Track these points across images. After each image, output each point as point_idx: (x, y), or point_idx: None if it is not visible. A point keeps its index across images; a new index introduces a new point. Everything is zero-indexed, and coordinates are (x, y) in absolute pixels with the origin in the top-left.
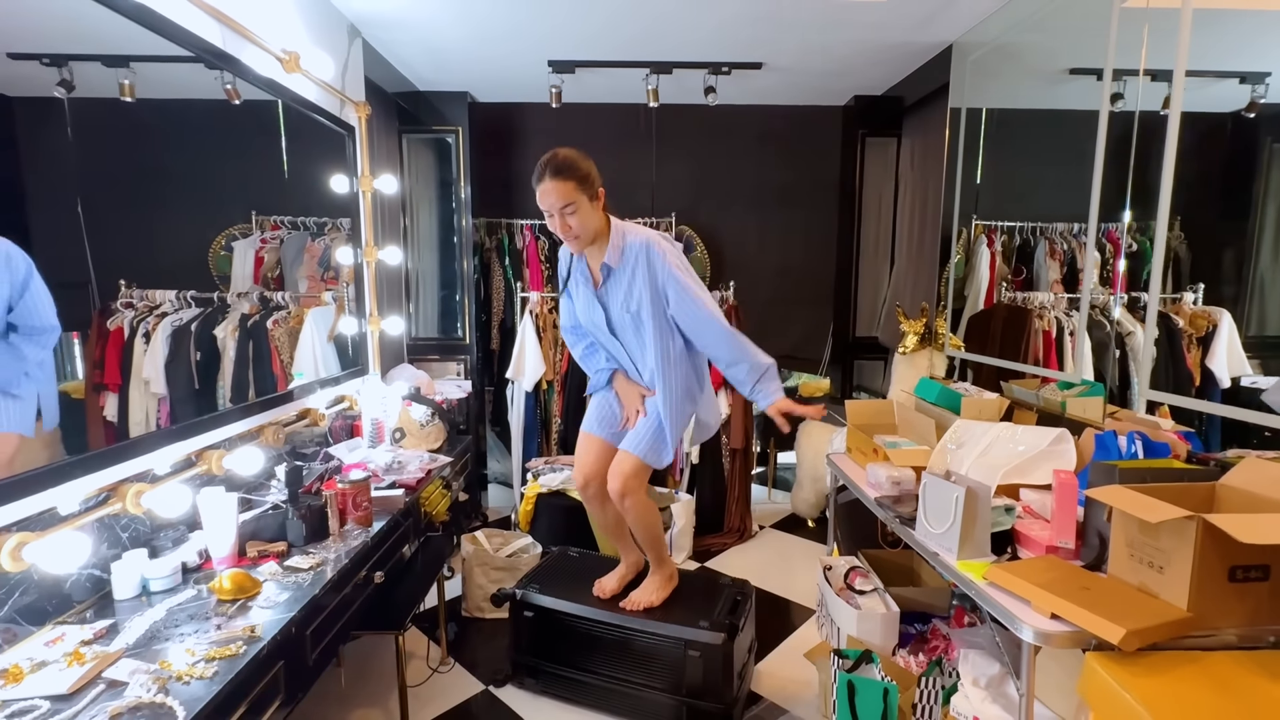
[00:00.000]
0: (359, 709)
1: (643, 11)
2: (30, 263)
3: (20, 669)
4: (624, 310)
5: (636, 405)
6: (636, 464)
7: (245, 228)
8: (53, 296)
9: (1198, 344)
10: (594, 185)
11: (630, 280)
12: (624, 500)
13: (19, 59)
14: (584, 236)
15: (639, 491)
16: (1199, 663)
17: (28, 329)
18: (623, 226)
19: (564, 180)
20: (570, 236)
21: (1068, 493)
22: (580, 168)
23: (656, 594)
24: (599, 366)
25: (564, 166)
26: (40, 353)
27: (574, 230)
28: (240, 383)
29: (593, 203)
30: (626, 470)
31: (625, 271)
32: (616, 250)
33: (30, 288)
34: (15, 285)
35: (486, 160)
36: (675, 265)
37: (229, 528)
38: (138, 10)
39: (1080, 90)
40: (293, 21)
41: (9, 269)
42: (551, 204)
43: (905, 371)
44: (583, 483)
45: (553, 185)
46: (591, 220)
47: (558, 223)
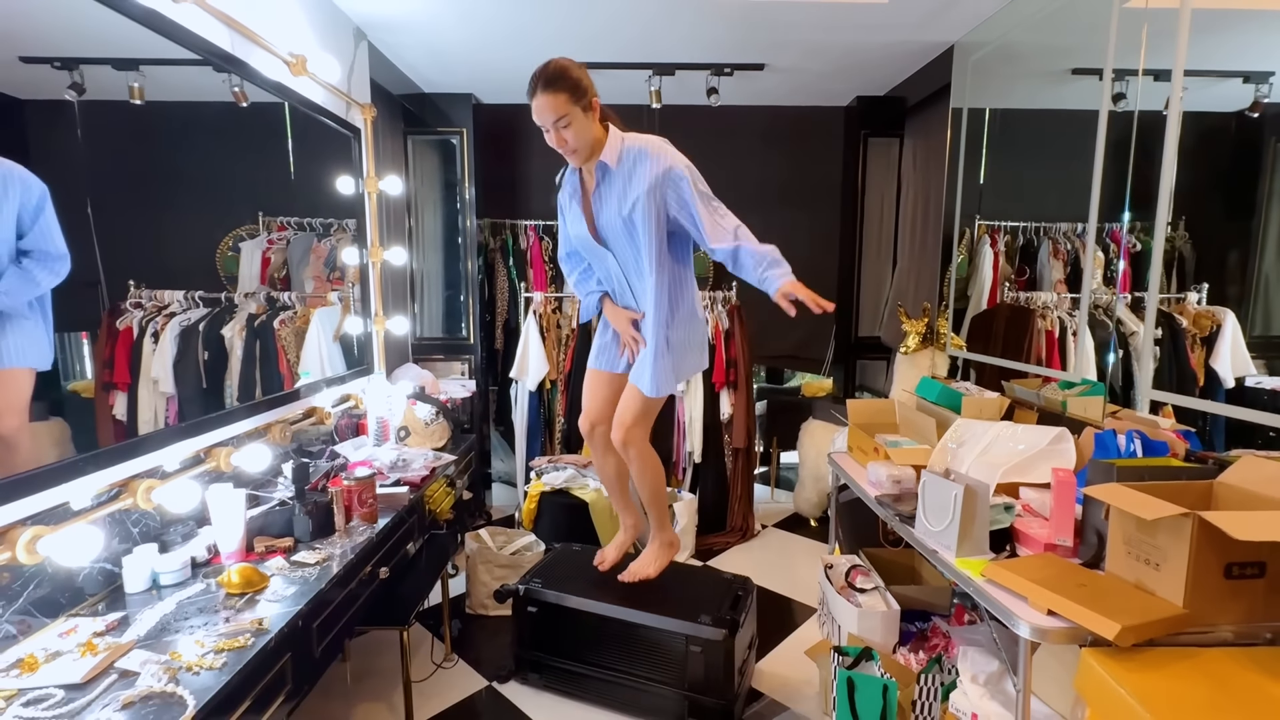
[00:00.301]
0: (364, 704)
1: (644, 13)
2: (45, 189)
3: (35, 659)
4: (618, 213)
5: (630, 332)
6: (637, 409)
7: (252, 228)
8: (64, 298)
9: (1202, 344)
10: (587, 95)
11: (627, 182)
12: (627, 450)
13: (31, 62)
14: (581, 150)
15: (641, 441)
16: (1195, 659)
17: (42, 254)
18: (623, 133)
19: (555, 93)
20: (567, 151)
21: (1066, 491)
22: (570, 77)
23: (654, 564)
24: (589, 289)
25: (554, 77)
26: (53, 279)
27: (570, 144)
28: (247, 381)
29: (587, 114)
30: (627, 419)
31: (622, 173)
32: (614, 150)
33: (45, 212)
34: (29, 209)
35: (491, 161)
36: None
37: (237, 523)
38: (148, 15)
39: (1083, 90)
40: (300, 25)
41: (24, 191)
42: (544, 119)
43: (907, 371)
44: (588, 427)
45: (544, 99)
46: (587, 132)
47: (553, 137)
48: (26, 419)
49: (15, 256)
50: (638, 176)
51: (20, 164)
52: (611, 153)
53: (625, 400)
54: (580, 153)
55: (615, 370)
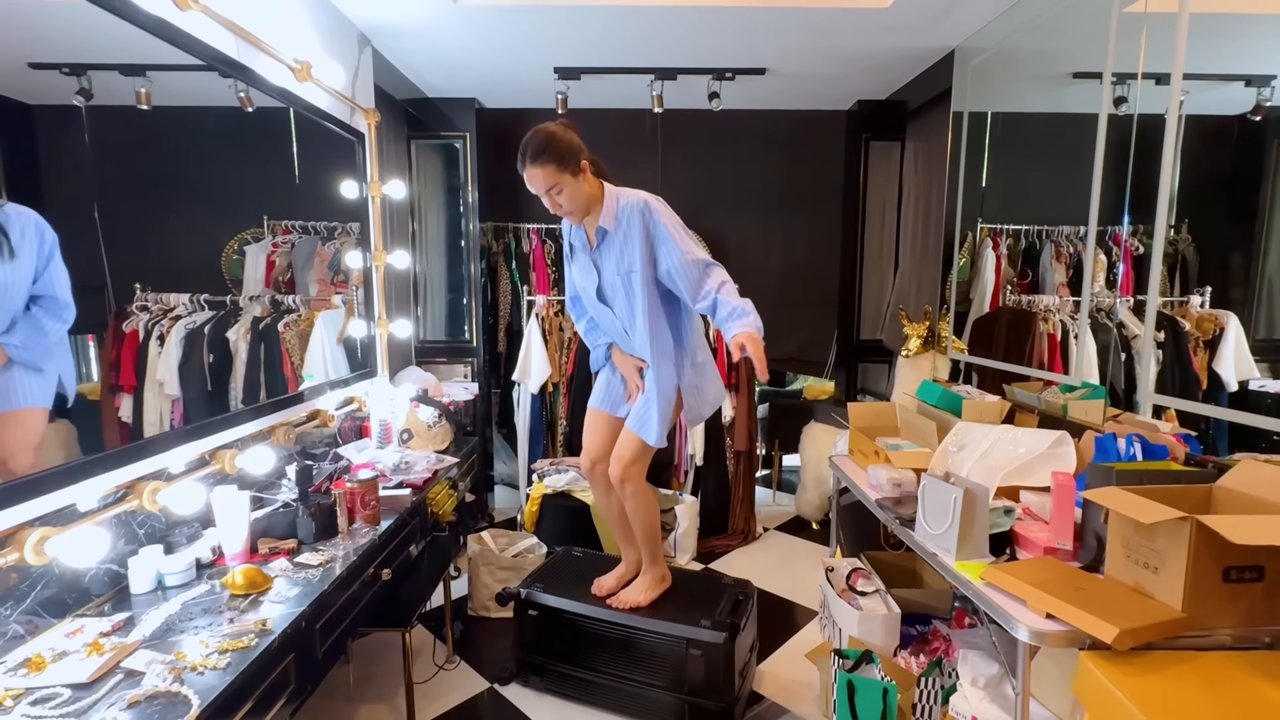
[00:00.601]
0: (366, 705)
1: (646, 18)
2: (55, 238)
3: (43, 659)
4: (615, 272)
5: (635, 379)
6: (635, 449)
7: (257, 232)
8: (71, 300)
9: (1205, 347)
10: (575, 161)
11: (624, 241)
12: (624, 486)
13: (40, 68)
14: (576, 211)
15: (638, 479)
16: (1193, 662)
17: (50, 302)
18: (617, 191)
19: (543, 165)
20: (564, 213)
21: (1065, 494)
22: (556, 147)
23: (645, 594)
24: (598, 341)
25: (540, 149)
26: (60, 328)
27: (565, 208)
28: (252, 384)
29: (577, 177)
30: (625, 457)
31: (619, 233)
32: (610, 214)
33: (55, 260)
34: (43, 256)
35: (493, 165)
36: (667, 221)
37: (241, 525)
38: (155, 23)
39: (1085, 94)
40: (305, 32)
41: (40, 239)
42: (536, 188)
43: (908, 374)
44: (589, 465)
45: (533, 171)
46: (580, 194)
47: (548, 203)
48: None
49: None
50: (633, 237)
51: (28, 168)
52: (609, 217)
53: (624, 439)
54: (576, 214)
55: (617, 414)
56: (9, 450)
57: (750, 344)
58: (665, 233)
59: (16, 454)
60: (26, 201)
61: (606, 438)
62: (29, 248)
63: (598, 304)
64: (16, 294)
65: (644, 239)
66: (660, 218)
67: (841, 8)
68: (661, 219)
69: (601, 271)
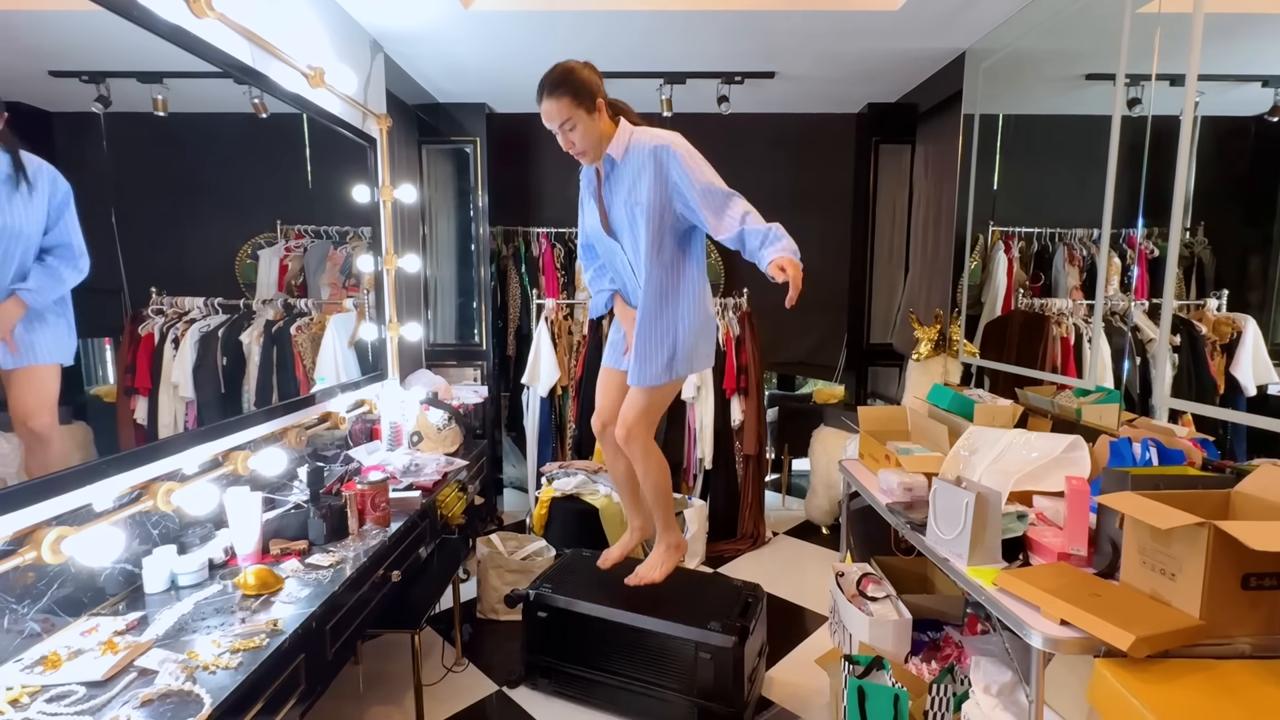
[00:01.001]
0: (376, 707)
1: (655, 22)
2: (69, 187)
3: (59, 656)
4: (624, 206)
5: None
6: (640, 406)
7: (270, 236)
8: (88, 304)
9: (1222, 351)
10: (592, 97)
11: (636, 176)
12: (630, 446)
13: (60, 76)
14: (589, 150)
15: (644, 438)
16: (1211, 671)
17: (64, 249)
18: (633, 128)
19: (559, 98)
20: (576, 152)
21: (1080, 499)
22: (574, 80)
23: (660, 567)
24: (601, 287)
25: (558, 82)
26: (76, 276)
27: (578, 146)
28: (264, 387)
29: (592, 114)
30: (629, 415)
31: (629, 167)
32: (620, 144)
33: (69, 209)
34: (55, 205)
35: (504, 169)
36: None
37: (253, 526)
38: (172, 30)
39: (1099, 95)
40: (318, 38)
41: (54, 188)
42: (550, 122)
43: (919, 378)
44: (599, 426)
45: (549, 104)
46: (593, 133)
47: (562, 139)
48: (56, 416)
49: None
50: (645, 170)
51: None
52: (618, 146)
53: (629, 396)
54: (589, 154)
55: (622, 367)
56: (30, 409)
57: (790, 268)
58: (684, 170)
59: (37, 413)
60: None
61: (617, 396)
62: (42, 195)
63: (606, 239)
64: (30, 240)
65: (655, 177)
66: (681, 158)
67: (850, 10)
68: (683, 159)
69: (610, 206)
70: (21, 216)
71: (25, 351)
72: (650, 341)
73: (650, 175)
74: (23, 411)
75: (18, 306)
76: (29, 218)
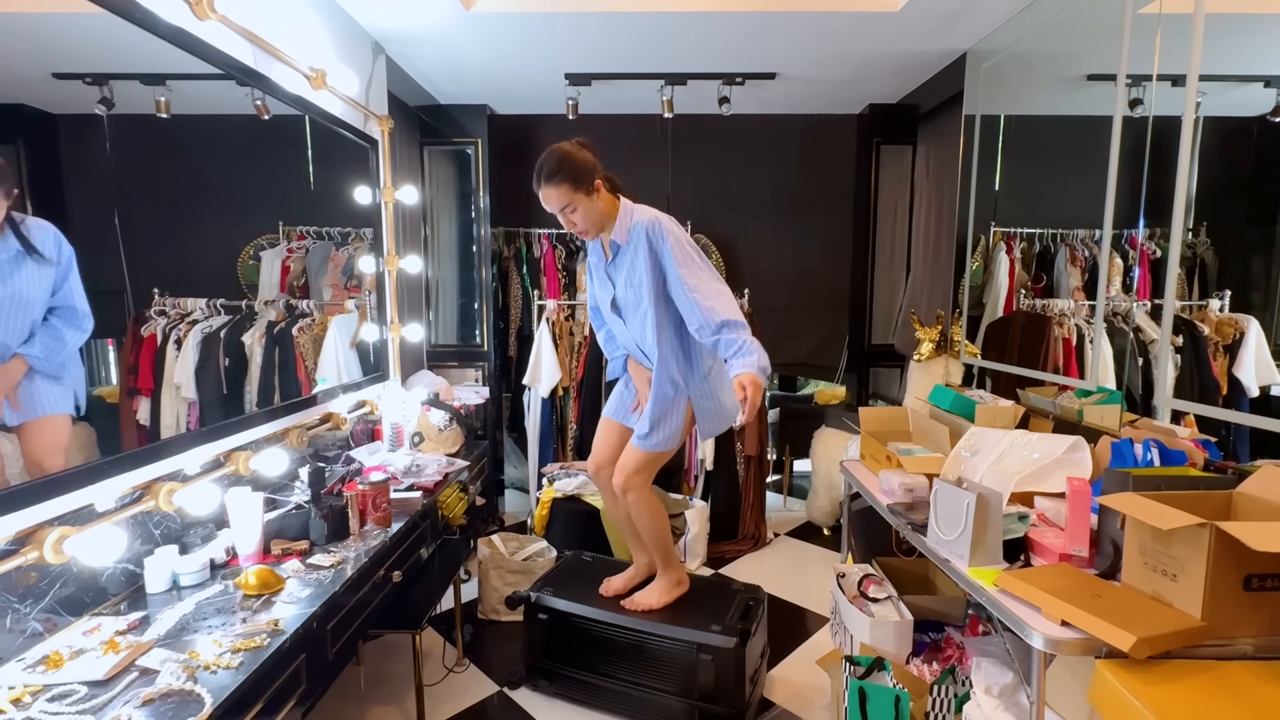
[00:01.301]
0: (377, 707)
1: (655, 23)
2: (72, 250)
3: (60, 656)
4: (628, 286)
5: (646, 391)
6: (638, 458)
7: (273, 238)
8: (91, 305)
9: (1225, 352)
10: (589, 180)
11: (634, 256)
12: (626, 495)
13: (63, 78)
14: (590, 228)
15: (641, 489)
16: (1213, 672)
17: (69, 311)
18: (632, 207)
19: (556, 185)
20: (578, 232)
21: (1081, 500)
22: (570, 167)
23: (659, 598)
24: (616, 352)
25: (555, 170)
26: (79, 337)
27: (579, 226)
28: (266, 388)
29: (591, 196)
30: (628, 466)
31: (630, 249)
32: (623, 229)
33: (72, 272)
34: (62, 269)
35: (505, 171)
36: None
37: (255, 526)
38: (175, 33)
39: (1100, 96)
40: (320, 40)
41: (58, 251)
42: (551, 208)
43: (920, 379)
44: (594, 469)
45: (548, 191)
46: (593, 212)
47: (563, 221)
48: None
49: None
50: (640, 252)
51: (51, 177)
52: (622, 231)
53: (629, 448)
54: (590, 231)
55: (626, 423)
56: (40, 454)
57: (751, 388)
58: (671, 256)
59: (48, 457)
60: (50, 208)
61: (614, 444)
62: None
63: (613, 316)
64: (37, 305)
65: (649, 255)
66: (668, 239)
67: (851, 12)
68: (669, 241)
69: (616, 285)
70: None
71: (29, 407)
72: (665, 413)
73: (645, 255)
74: (36, 455)
75: (20, 366)
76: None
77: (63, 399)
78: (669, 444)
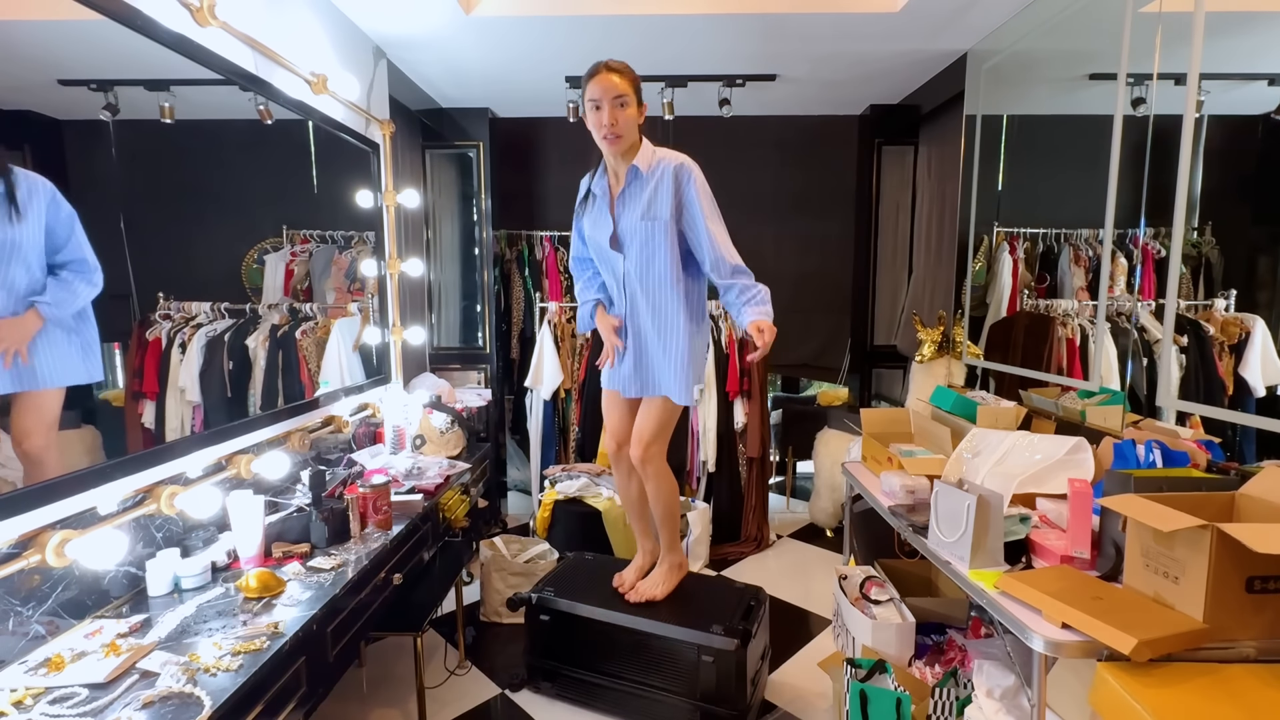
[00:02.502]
0: (379, 709)
1: (655, 26)
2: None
3: (62, 658)
4: (640, 218)
5: (613, 339)
6: (655, 425)
7: (276, 241)
8: (97, 309)
9: (1230, 352)
10: (640, 96)
11: (655, 189)
12: (645, 467)
13: (69, 85)
14: (626, 136)
15: (659, 459)
16: (1215, 675)
17: (79, 263)
18: (655, 147)
19: (623, 74)
20: (614, 133)
21: (1082, 501)
22: (635, 75)
23: (661, 585)
24: (588, 298)
25: (623, 67)
26: (90, 290)
27: (619, 126)
28: (270, 391)
29: (640, 107)
30: (645, 435)
31: (652, 180)
32: (646, 158)
33: (76, 228)
34: (62, 223)
35: (506, 174)
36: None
37: (256, 529)
38: (177, 40)
39: (1103, 95)
40: (321, 45)
41: (53, 205)
42: (606, 94)
43: (923, 380)
44: (614, 447)
45: (612, 77)
46: (635, 123)
47: (605, 114)
48: (54, 436)
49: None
50: (665, 185)
51: (58, 182)
52: (645, 159)
53: (644, 416)
54: (623, 139)
55: (627, 395)
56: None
57: (769, 333)
58: (697, 193)
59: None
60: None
61: (627, 416)
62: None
63: (609, 253)
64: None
65: (674, 191)
66: (695, 183)
67: (850, 13)
68: (697, 184)
69: (620, 217)
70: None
71: (28, 375)
72: (688, 360)
73: (669, 191)
74: (18, 432)
75: (36, 319)
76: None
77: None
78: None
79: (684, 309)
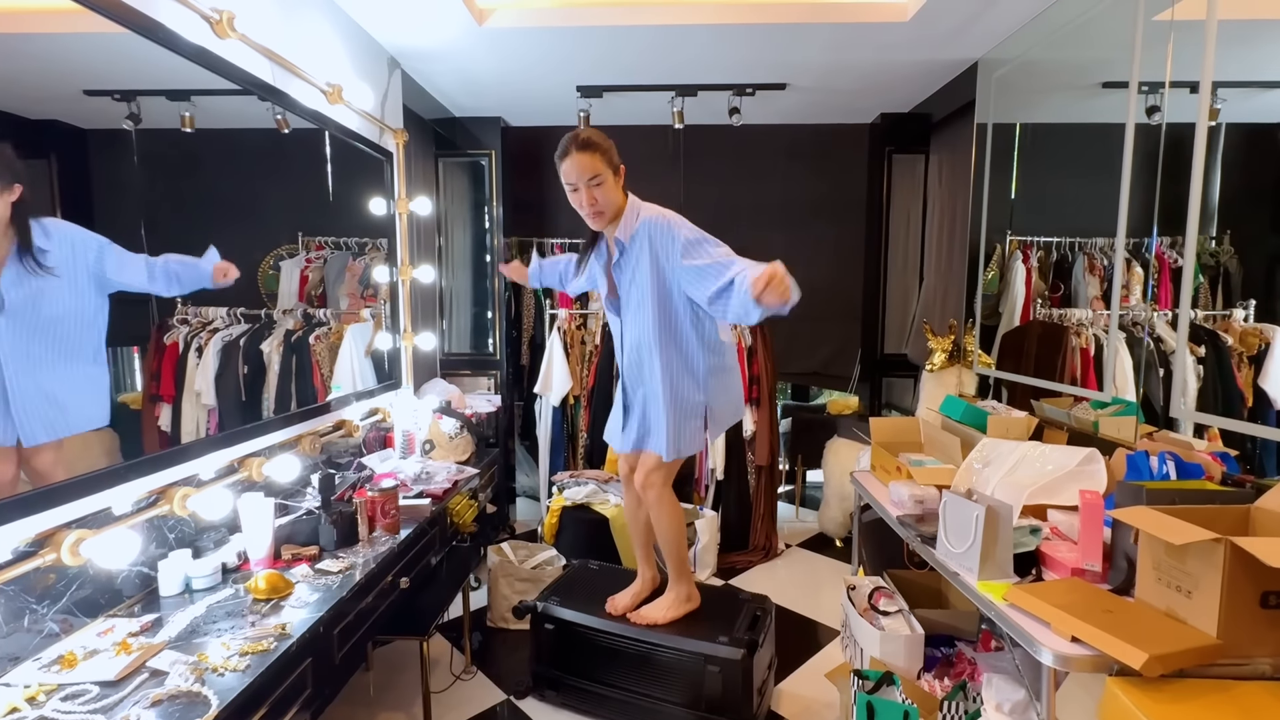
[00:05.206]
0: (385, 713)
1: (665, 36)
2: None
3: (75, 656)
4: (631, 284)
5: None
6: (654, 463)
7: (292, 248)
8: (117, 313)
9: (1249, 363)
10: (616, 161)
11: (639, 255)
12: (646, 492)
13: (93, 95)
14: (607, 211)
15: (660, 486)
16: (1228, 692)
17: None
18: (638, 204)
19: (591, 154)
20: (594, 211)
21: (1094, 513)
22: (604, 143)
23: (667, 612)
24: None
25: (589, 141)
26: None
27: (599, 204)
28: (283, 395)
29: (615, 178)
30: (647, 464)
31: (635, 247)
32: (629, 226)
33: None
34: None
35: (518, 182)
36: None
37: (266, 531)
38: (197, 51)
39: (1116, 104)
40: (337, 56)
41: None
42: (579, 176)
43: (933, 389)
44: (625, 470)
45: (581, 158)
46: (614, 195)
47: (583, 196)
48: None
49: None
50: (643, 248)
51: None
52: (626, 229)
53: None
54: (605, 214)
55: (624, 451)
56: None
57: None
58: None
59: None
60: (80, 220)
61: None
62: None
63: (609, 312)
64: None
65: (650, 255)
66: (679, 233)
67: (861, 23)
68: (680, 234)
69: (619, 284)
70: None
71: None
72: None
73: (647, 252)
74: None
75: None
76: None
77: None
78: (694, 446)
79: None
